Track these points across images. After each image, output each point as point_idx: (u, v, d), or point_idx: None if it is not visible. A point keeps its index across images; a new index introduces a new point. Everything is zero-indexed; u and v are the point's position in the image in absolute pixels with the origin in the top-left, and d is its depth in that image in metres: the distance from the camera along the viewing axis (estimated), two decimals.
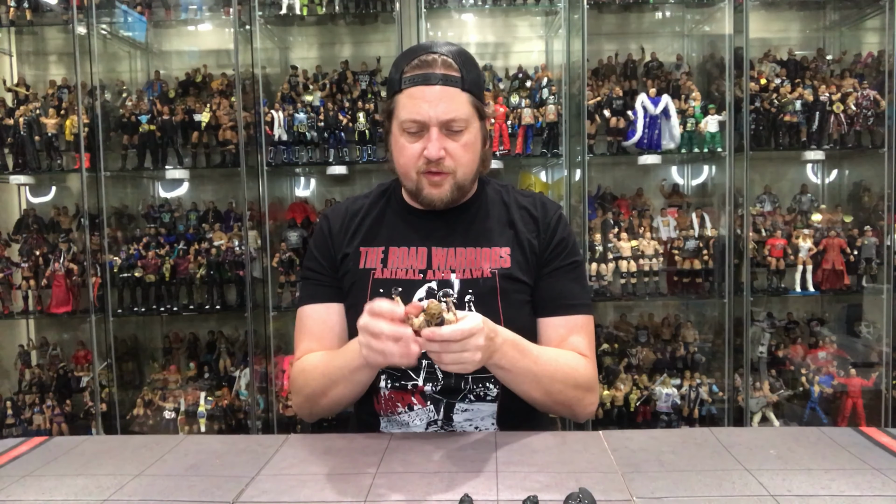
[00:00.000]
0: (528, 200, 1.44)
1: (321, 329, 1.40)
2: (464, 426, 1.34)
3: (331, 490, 1.01)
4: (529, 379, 1.25)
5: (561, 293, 1.37)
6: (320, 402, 1.34)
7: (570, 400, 1.31)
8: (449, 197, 1.33)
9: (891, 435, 1.20)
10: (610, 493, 0.97)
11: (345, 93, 3.09)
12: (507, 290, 1.33)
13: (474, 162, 1.35)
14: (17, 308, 3.08)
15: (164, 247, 3.05)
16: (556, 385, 1.28)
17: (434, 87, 1.26)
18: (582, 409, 1.34)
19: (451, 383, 1.33)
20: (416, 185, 1.33)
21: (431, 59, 1.28)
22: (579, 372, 1.32)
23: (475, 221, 1.40)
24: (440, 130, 1.28)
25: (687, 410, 2.93)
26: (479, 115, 1.33)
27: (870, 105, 2.89)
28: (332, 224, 1.44)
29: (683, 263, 2.96)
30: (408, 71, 1.29)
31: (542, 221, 1.39)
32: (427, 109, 1.26)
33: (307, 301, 1.42)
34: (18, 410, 2.99)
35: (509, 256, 1.36)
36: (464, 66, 1.29)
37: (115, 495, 1.02)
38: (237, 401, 3.02)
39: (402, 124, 1.30)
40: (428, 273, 1.35)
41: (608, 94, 2.96)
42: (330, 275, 1.41)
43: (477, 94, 1.31)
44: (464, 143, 1.30)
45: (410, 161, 1.31)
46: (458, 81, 1.28)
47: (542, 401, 1.29)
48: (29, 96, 3.10)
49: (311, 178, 3.40)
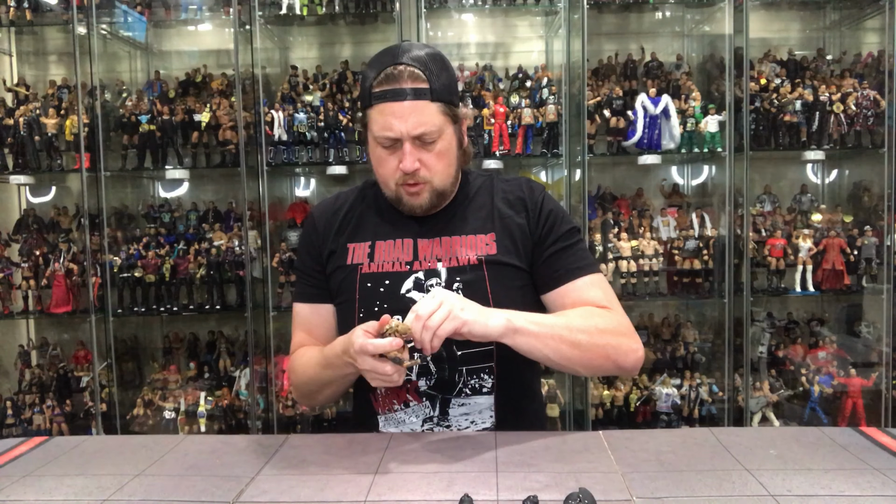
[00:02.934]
0: (512, 184, 1.44)
1: (313, 325, 1.46)
2: (461, 421, 1.34)
3: (331, 490, 1.01)
4: (553, 336, 1.20)
5: (563, 262, 1.35)
6: (316, 399, 1.42)
7: (606, 349, 1.24)
8: (428, 204, 1.35)
9: (891, 435, 1.20)
10: (610, 493, 0.97)
11: (345, 93, 3.09)
12: (494, 276, 1.33)
13: (450, 167, 1.35)
14: (17, 308, 3.08)
15: (164, 247, 3.05)
16: (581, 336, 1.22)
17: (403, 103, 1.26)
18: (625, 358, 1.27)
19: (444, 376, 1.33)
20: (396, 194, 1.35)
21: (398, 73, 1.26)
22: (606, 318, 1.28)
23: (458, 211, 1.41)
24: (413, 143, 1.28)
25: (687, 410, 2.93)
26: (452, 120, 1.32)
27: (870, 105, 2.89)
28: (317, 222, 1.46)
29: (683, 263, 2.97)
30: (376, 86, 1.28)
31: (530, 201, 1.40)
32: (398, 126, 1.26)
33: (298, 299, 1.48)
34: (18, 410, 2.98)
35: (495, 242, 1.36)
36: (432, 74, 1.27)
37: (115, 495, 1.02)
38: (237, 401, 3.02)
39: (375, 138, 1.31)
40: (414, 264, 1.36)
41: (608, 94, 2.96)
42: (317, 275, 1.44)
43: (448, 100, 1.30)
44: (437, 151, 1.31)
45: (388, 173, 1.33)
46: (426, 93, 1.26)
47: (578, 358, 1.23)
48: (29, 96, 3.10)
49: (311, 178, 3.40)
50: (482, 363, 1.33)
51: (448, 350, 1.31)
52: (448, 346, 1.30)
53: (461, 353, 1.31)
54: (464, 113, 1.37)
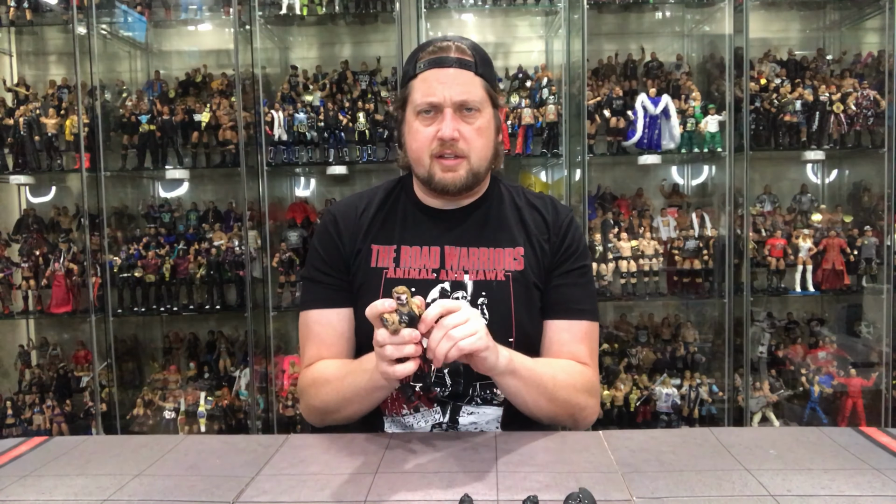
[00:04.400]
0: (539, 202, 1.42)
1: (329, 335, 1.35)
2: (469, 430, 1.34)
3: (331, 490, 1.01)
4: (538, 386, 1.23)
5: (569, 297, 1.36)
6: (333, 416, 1.32)
7: (574, 406, 1.29)
8: (463, 182, 1.31)
9: (891, 435, 1.20)
10: (610, 493, 0.97)
11: (345, 93, 3.09)
12: (519, 295, 1.32)
13: (487, 148, 1.34)
14: (17, 308, 3.08)
15: (164, 247, 3.05)
16: (561, 392, 1.26)
17: (448, 70, 1.29)
18: (584, 417, 1.32)
19: (458, 389, 1.32)
20: (429, 170, 1.31)
21: (446, 45, 1.32)
22: (584, 377, 1.32)
23: (489, 220, 1.39)
24: (454, 112, 1.29)
25: (687, 410, 2.93)
26: (492, 102, 1.34)
27: (870, 105, 2.89)
28: (339, 221, 1.39)
29: (683, 263, 2.97)
30: (423, 57, 1.31)
31: (554, 225, 1.38)
32: (441, 90, 1.28)
33: (313, 305, 1.37)
34: (18, 410, 2.98)
35: (522, 258, 1.35)
36: (477, 55, 1.32)
37: (115, 495, 1.02)
38: (237, 401, 3.02)
39: (416, 108, 1.31)
40: (441, 273, 1.33)
41: (608, 94, 2.96)
42: (337, 276, 1.37)
43: (490, 82, 1.34)
44: (477, 126, 1.31)
45: (424, 144, 1.30)
46: (471, 65, 1.30)
47: (547, 409, 1.26)
48: (29, 96, 3.10)
49: (311, 178, 3.40)
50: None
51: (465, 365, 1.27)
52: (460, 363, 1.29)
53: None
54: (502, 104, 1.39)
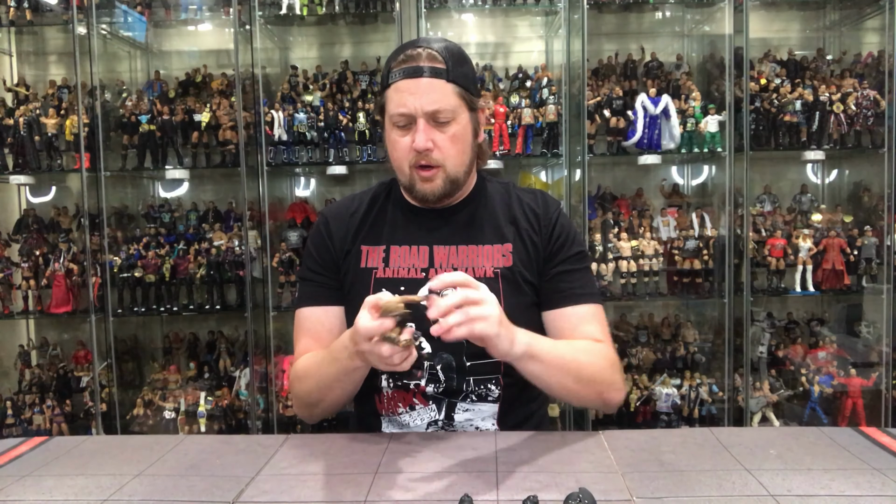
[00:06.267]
0: (529, 197, 1.43)
1: (319, 331, 1.39)
2: (464, 426, 1.34)
3: (331, 490, 1.01)
4: (561, 367, 1.21)
5: (568, 284, 1.35)
6: (319, 406, 1.35)
7: (601, 384, 1.27)
8: (441, 191, 1.32)
9: (891, 435, 1.20)
10: (610, 493, 0.97)
11: (345, 93, 3.09)
12: (510, 292, 1.33)
13: (464, 154, 1.33)
14: (17, 308, 3.08)
15: (164, 247, 3.05)
16: (585, 370, 1.24)
17: (419, 80, 1.27)
18: (612, 394, 1.30)
19: (453, 385, 1.32)
20: (409, 179, 1.33)
21: (417, 53, 1.28)
22: (605, 353, 1.30)
23: (476, 218, 1.40)
24: (427, 122, 1.28)
25: (687, 410, 2.93)
26: (468, 106, 1.32)
27: (870, 105, 2.89)
28: (330, 223, 1.43)
29: (683, 263, 2.96)
30: (395, 66, 1.30)
31: (544, 217, 1.39)
32: (412, 101, 1.26)
33: (305, 303, 1.42)
34: (18, 410, 2.98)
35: (511, 253, 1.35)
36: (451, 59, 1.29)
37: (115, 495, 1.02)
38: (237, 401, 3.02)
39: (391, 118, 1.30)
40: (430, 272, 1.34)
41: (608, 94, 2.96)
42: (329, 276, 1.40)
43: (465, 86, 1.30)
44: (451, 134, 1.30)
45: (402, 155, 1.31)
46: (443, 73, 1.27)
47: (575, 390, 1.25)
48: (29, 96, 3.10)
49: (311, 178, 3.40)
50: (490, 374, 1.32)
51: (458, 360, 1.31)
52: (458, 357, 1.30)
53: (470, 364, 1.31)
54: (481, 105, 1.36)
